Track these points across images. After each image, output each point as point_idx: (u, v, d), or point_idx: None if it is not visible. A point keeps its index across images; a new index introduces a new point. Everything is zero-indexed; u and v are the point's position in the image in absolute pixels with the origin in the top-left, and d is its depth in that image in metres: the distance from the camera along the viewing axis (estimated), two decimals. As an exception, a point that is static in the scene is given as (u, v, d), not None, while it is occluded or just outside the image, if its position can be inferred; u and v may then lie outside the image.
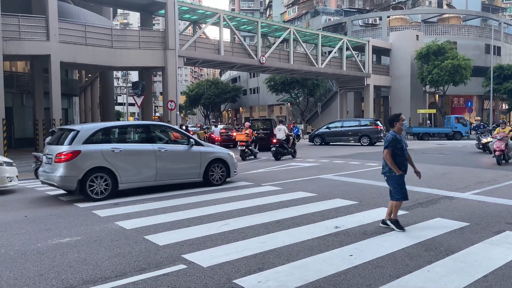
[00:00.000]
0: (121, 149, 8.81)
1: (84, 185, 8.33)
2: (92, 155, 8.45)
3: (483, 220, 6.21)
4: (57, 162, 8.37)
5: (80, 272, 4.37)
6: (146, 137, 9.49)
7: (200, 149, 10.01)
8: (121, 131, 9.75)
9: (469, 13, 52.00)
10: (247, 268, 4.38)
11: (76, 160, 8.26)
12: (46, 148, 9.27)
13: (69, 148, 8.32)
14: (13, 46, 20.03)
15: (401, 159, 5.75)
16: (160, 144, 9.47)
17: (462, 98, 47.38)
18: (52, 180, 8.52)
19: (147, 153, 9.12)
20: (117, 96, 73.85)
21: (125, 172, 8.75)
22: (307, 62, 34.71)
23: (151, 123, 10.88)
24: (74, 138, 8.45)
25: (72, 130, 8.78)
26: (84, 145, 8.45)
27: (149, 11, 28.09)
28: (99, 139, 8.82)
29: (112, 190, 8.63)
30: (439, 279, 3.99)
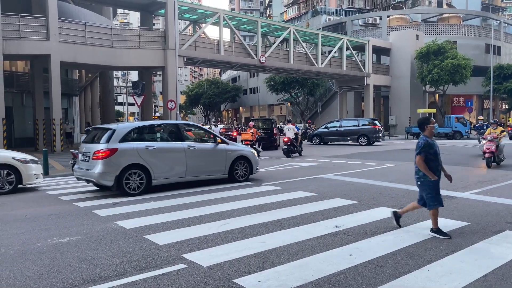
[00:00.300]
0: (154, 147, 9.27)
1: (121, 181, 8.69)
2: (128, 153, 8.85)
3: (483, 220, 6.21)
4: (95, 160, 8.73)
5: (80, 272, 4.37)
6: (176, 136, 9.94)
7: (225, 147, 10.46)
8: (153, 130, 10.29)
9: (469, 12, 52.01)
10: (247, 267, 4.38)
11: (113, 157, 8.67)
12: (82, 146, 9.58)
13: (107, 146, 8.73)
14: (13, 46, 20.04)
15: (435, 164, 5.44)
16: (189, 142, 9.99)
17: (462, 98, 47.39)
18: (90, 176, 8.85)
19: (177, 151, 9.53)
20: (117, 96, 73.87)
21: (158, 168, 9.15)
22: (307, 62, 34.70)
23: (180, 122, 11.31)
24: (111, 136, 8.87)
25: (108, 129, 9.19)
26: (120, 143, 8.87)
27: (149, 10, 28.10)
28: (134, 138, 9.28)
29: (146, 186, 9.01)
30: (439, 279, 3.99)
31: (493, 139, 12.72)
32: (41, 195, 9.51)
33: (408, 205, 5.94)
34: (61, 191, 9.95)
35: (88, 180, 9.15)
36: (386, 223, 6.09)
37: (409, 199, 7.83)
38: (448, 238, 5.27)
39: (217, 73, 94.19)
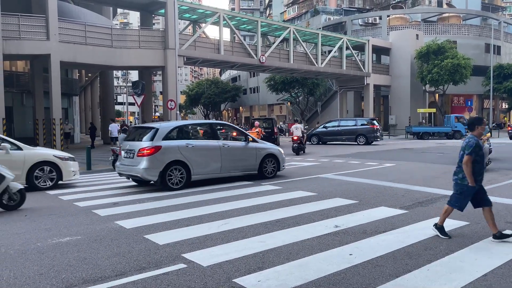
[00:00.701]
0: (193, 144, 9.87)
1: (164, 176, 9.30)
2: (170, 150, 9.45)
3: (482, 219, 6.18)
4: (140, 156, 9.29)
5: (80, 271, 4.38)
6: (212, 135, 10.64)
7: (255, 145, 11.13)
8: (192, 129, 10.84)
9: (469, 12, 51.99)
10: (247, 267, 4.39)
11: (157, 154, 9.25)
12: (126, 144, 10.10)
13: (151, 143, 9.31)
14: (13, 46, 20.03)
15: (479, 167, 5.25)
16: (224, 141, 10.64)
17: (462, 97, 47.39)
18: (135, 172, 9.44)
19: (214, 149, 10.19)
20: (117, 96, 73.86)
21: (196, 165, 9.77)
22: (307, 62, 34.69)
23: (215, 122, 12.10)
24: (155, 135, 9.46)
25: (152, 128, 9.83)
26: (163, 141, 9.45)
27: (149, 10, 28.08)
28: (175, 136, 9.83)
29: (186, 181, 9.60)
30: (439, 278, 4.00)
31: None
32: (41, 195, 9.51)
33: (442, 211, 5.56)
34: (61, 191, 9.95)
35: (132, 175, 9.74)
36: (386, 223, 6.10)
37: (409, 199, 7.85)
38: (448, 238, 5.26)
39: (217, 72, 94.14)
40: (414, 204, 7.41)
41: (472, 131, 5.37)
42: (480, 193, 5.32)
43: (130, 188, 10.04)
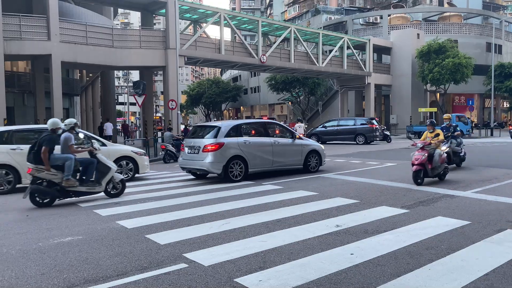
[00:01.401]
0: (250, 141, 11.01)
1: (227, 169, 10.41)
2: (231, 146, 10.57)
3: (484, 219, 6.20)
4: (205, 152, 10.39)
5: (82, 271, 4.38)
6: (265, 132, 11.77)
7: (301, 142, 12.17)
8: (248, 127, 12.04)
9: (470, 11, 51.90)
10: (248, 266, 4.39)
11: (221, 150, 10.37)
12: (190, 141, 11.18)
13: (215, 140, 10.45)
14: (14, 46, 20.06)
15: None
16: (275, 138, 11.70)
17: (463, 97, 47.33)
18: (200, 165, 10.57)
19: (266, 145, 11.32)
20: (118, 96, 73.86)
21: (252, 159, 10.88)
22: (308, 61, 34.67)
23: (266, 121, 13.38)
24: (218, 133, 10.60)
25: (215, 126, 10.98)
26: (225, 138, 10.57)
27: (150, 10, 28.08)
28: (234, 134, 10.90)
29: (244, 173, 10.68)
30: (440, 278, 3.99)
31: (424, 147, 9.50)
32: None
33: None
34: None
35: (196, 168, 10.90)
36: (387, 222, 6.09)
37: (410, 198, 7.84)
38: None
39: (218, 72, 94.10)
40: (415, 203, 7.40)
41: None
42: None
43: (131, 188, 10.05)
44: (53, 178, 7.96)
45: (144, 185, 10.69)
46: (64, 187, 8.04)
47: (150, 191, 9.47)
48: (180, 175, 12.60)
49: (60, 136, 8.27)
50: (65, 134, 8.26)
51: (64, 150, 8.22)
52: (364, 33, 47.86)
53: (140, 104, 19.88)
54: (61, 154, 8.16)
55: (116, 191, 8.77)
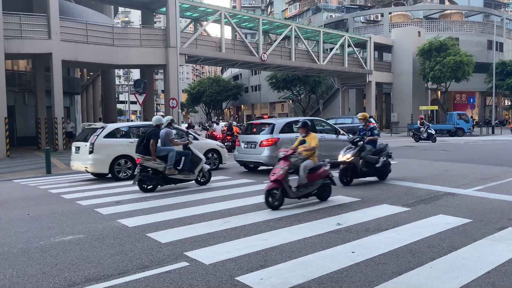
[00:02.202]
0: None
1: None
2: (286, 141, 11.25)
3: (485, 217, 6.19)
4: (262, 147, 11.42)
5: (83, 270, 4.38)
6: (313, 128, 12.09)
7: (344, 137, 12.74)
8: (297, 124, 12.24)
9: (471, 9, 51.78)
10: (249, 265, 4.38)
11: (276, 144, 11.21)
12: (245, 137, 12.24)
13: (271, 136, 11.49)
14: (15, 45, 20.06)
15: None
16: (322, 134, 12.39)
17: (464, 95, 47.25)
18: (257, 159, 11.59)
19: None
20: (119, 94, 73.90)
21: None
22: (308, 59, 34.64)
23: (314, 118, 14.14)
24: (273, 129, 11.64)
25: (270, 123, 12.12)
26: (280, 134, 11.57)
27: (150, 9, 28.07)
28: (287, 130, 11.91)
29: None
30: (442, 276, 3.99)
31: (287, 156, 7.13)
32: (43, 194, 9.54)
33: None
34: (63, 190, 9.97)
35: (253, 161, 11.92)
36: (388, 220, 6.08)
37: (411, 196, 7.83)
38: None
39: (218, 71, 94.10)
40: (416, 201, 7.39)
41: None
42: None
43: (132, 187, 10.05)
44: (158, 167, 9.10)
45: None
46: (166, 175, 9.17)
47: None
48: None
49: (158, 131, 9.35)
50: (166, 129, 9.44)
51: (165, 143, 9.33)
52: (365, 31, 47.79)
53: (141, 102, 19.90)
54: (165, 147, 9.31)
55: (205, 179, 9.90)
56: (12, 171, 14.28)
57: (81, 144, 11.50)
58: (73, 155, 11.91)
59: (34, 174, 13.54)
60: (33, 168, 15.24)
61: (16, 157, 19.26)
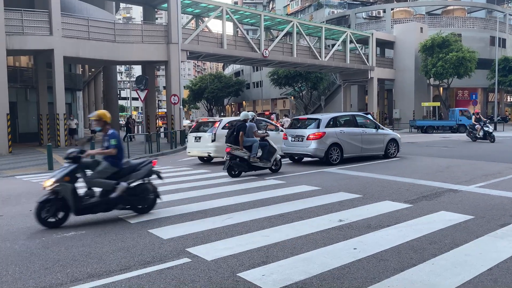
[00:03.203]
0: (345, 131, 12.83)
1: (327, 154, 12.29)
2: (331, 135, 12.42)
3: (487, 213, 6.18)
4: (309, 140, 12.32)
5: (85, 266, 4.40)
6: (355, 123, 13.42)
7: (383, 132, 13.94)
8: (341, 119, 13.53)
9: (474, 5, 51.53)
10: (251, 261, 4.39)
11: (323, 138, 12.26)
12: (293, 131, 13.13)
13: (318, 130, 12.38)
14: (17, 41, 20.06)
15: None
16: (363, 128, 13.36)
17: (466, 91, 47.10)
18: (305, 151, 12.48)
19: (357, 134, 13.10)
20: (121, 91, 73.87)
21: (346, 146, 12.72)
22: (310, 55, 34.55)
23: (356, 113, 14.92)
24: (319, 124, 12.54)
25: (316, 118, 12.96)
26: (326, 128, 12.46)
27: (152, 4, 28.01)
28: (332, 124, 12.75)
29: (340, 158, 12.57)
30: (444, 272, 3.98)
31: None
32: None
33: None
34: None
35: (300, 153, 12.81)
36: (390, 217, 6.08)
37: (413, 193, 7.82)
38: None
39: (220, 67, 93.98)
40: (418, 198, 7.38)
41: None
42: None
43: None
44: (244, 156, 10.44)
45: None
46: (250, 163, 10.54)
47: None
48: (183, 170, 12.61)
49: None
50: (250, 123, 10.84)
51: (249, 135, 10.63)
52: (367, 27, 47.60)
53: (142, 99, 19.88)
54: (250, 138, 10.64)
55: (277, 167, 11.15)
56: (14, 167, 14.32)
57: (202, 134, 13.73)
58: (191, 144, 14.08)
59: (36, 170, 13.57)
60: (35, 164, 15.28)
61: (18, 153, 19.30)
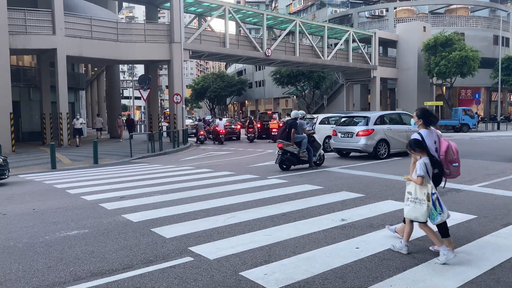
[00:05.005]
0: (391, 128, 13.98)
1: (375, 150, 13.41)
2: (378, 132, 13.55)
3: (490, 213, 6.17)
4: (359, 136, 13.50)
5: (88, 265, 4.41)
6: (400, 121, 14.54)
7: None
8: (387, 117, 14.57)
9: (477, 3, 51.35)
10: (253, 260, 4.39)
11: (372, 134, 13.41)
12: (342, 128, 14.27)
13: (367, 127, 13.51)
14: (20, 40, 20.12)
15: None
16: (407, 126, 14.13)
17: (469, 90, 46.96)
18: (355, 146, 13.68)
19: (403, 131, 14.09)
20: (123, 90, 74.01)
21: (393, 142, 13.83)
22: (313, 55, 34.52)
23: (401, 112, 16.09)
24: (368, 121, 13.69)
25: (365, 116, 14.20)
26: (374, 125, 13.59)
27: (155, 4, 28.04)
28: (380, 122, 13.88)
29: (387, 153, 13.65)
30: (446, 272, 3.98)
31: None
32: (49, 189, 9.59)
33: None
34: (68, 185, 10.03)
35: (349, 149, 14.01)
36: (392, 216, 6.07)
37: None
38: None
39: (222, 66, 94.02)
40: (421, 197, 7.35)
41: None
42: None
43: (137, 182, 10.10)
44: (294, 151, 11.31)
45: (149, 179, 10.71)
46: (299, 157, 11.41)
47: (155, 185, 9.48)
48: (185, 169, 12.63)
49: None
50: (301, 121, 11.70)
51: (299, 132, 11.47)
52: (370, 26, 47.52)
53: (145, 98, 19.91)
54: (300, 135, 11.47)
55: (320, 162, 12.05)
56: (18, 166, 14.37)
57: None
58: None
59: (39, 169, 13.62)
60: (38, 163, 15.33)
61: (21, 152, 19.37)
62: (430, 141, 4.61)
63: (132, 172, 12.29)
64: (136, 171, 12.60)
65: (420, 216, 4.35)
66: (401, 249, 4.51)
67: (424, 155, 4.50)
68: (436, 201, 4.33)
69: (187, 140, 24.29)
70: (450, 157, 4.68)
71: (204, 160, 15.50)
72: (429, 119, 4.72)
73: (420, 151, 4.51)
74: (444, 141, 4.74)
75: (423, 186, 4.37)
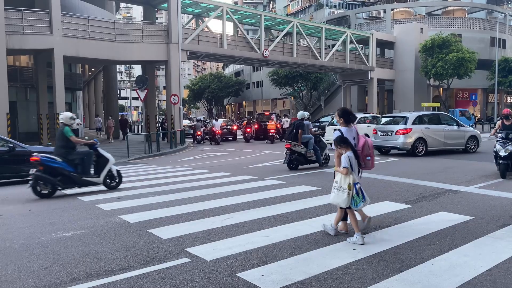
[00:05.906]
0: (429, 128, 14.68)
1: (413, 147, 14.16)
2: (416, 131, 14.30)
3: (487, 214, 6.18)
4: (398, 134, 14.33)
5: (84, 266, 4.39)
6: (438, 121, 15.25)
7: (464, 129, 15.40)
8: (425, 117, 15.25)
9: (474, 5, 51.54)
10: (250, 261, 4.39)
11: (410, 133, 14.20)
12: (383, 127, 15.20)
13: (406, 126, 14.33)
14: (17, 40, 20.05)
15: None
16: (445, 126, 15.01)
17: (466, 92, 47.11)
18: (394, 144, 14.47)
19: (440, 130, 14.81)
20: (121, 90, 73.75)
21: (430, 140, 14.49)
22: (310, 56, 34.56)
23: (439, 113, 16.90)
24: (407, 121, 14.47)
25: (403, 116, 15.09)
26: (412, 125, 14.36)
27: (152, 4, 28.02)
28: (418, 121, 14.58)
29: (425, 151, 14.34)
30: (443, 273, 3.98)
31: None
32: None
33: None
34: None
35: (389, 146, 14.81)
36: (389, 217, 6.08)
37: (413, 193, 7.82)
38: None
39: (220, 67, 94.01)
40: (418, 198, 7.38)
41: None
42: None
43: (134, 183, 10.08)
44: (302, 151, 11.57)
45: (146, 179, 10.70)
46: (307, 157, 11.67)
47: (153, 186, 9.47)
48: (182, 170, 12.61)
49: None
50: (307, 121, 11.99)
51: (306, 132, 11.69)
52: (367, 28, 47.61)
53: (142, 99, 19.89)
54: (307, 135, 11.72)
55: (326, 161, 12.29)
56: (14, 167, 14.27)
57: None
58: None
59: (36, 170, 13.54)
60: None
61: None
62: (349, 137, 5.20)
63: (129, 173, 12.26)
64: (133, 172, 12.58)
65: (341, 202, 4.98)
66: (357, 240, 4.85)
67: (349, 149, 5.10)
68: (359, 190, 4.96)
69: (185, 141, 24.27)
70: (366, 151, 5.29)
71: (201, 161, 15.49)
72: (349, 118, 5.36)
73: (345, 146, 5.11)
74: (362, 137, 5.36)
75: (347, 176, 5.00)
